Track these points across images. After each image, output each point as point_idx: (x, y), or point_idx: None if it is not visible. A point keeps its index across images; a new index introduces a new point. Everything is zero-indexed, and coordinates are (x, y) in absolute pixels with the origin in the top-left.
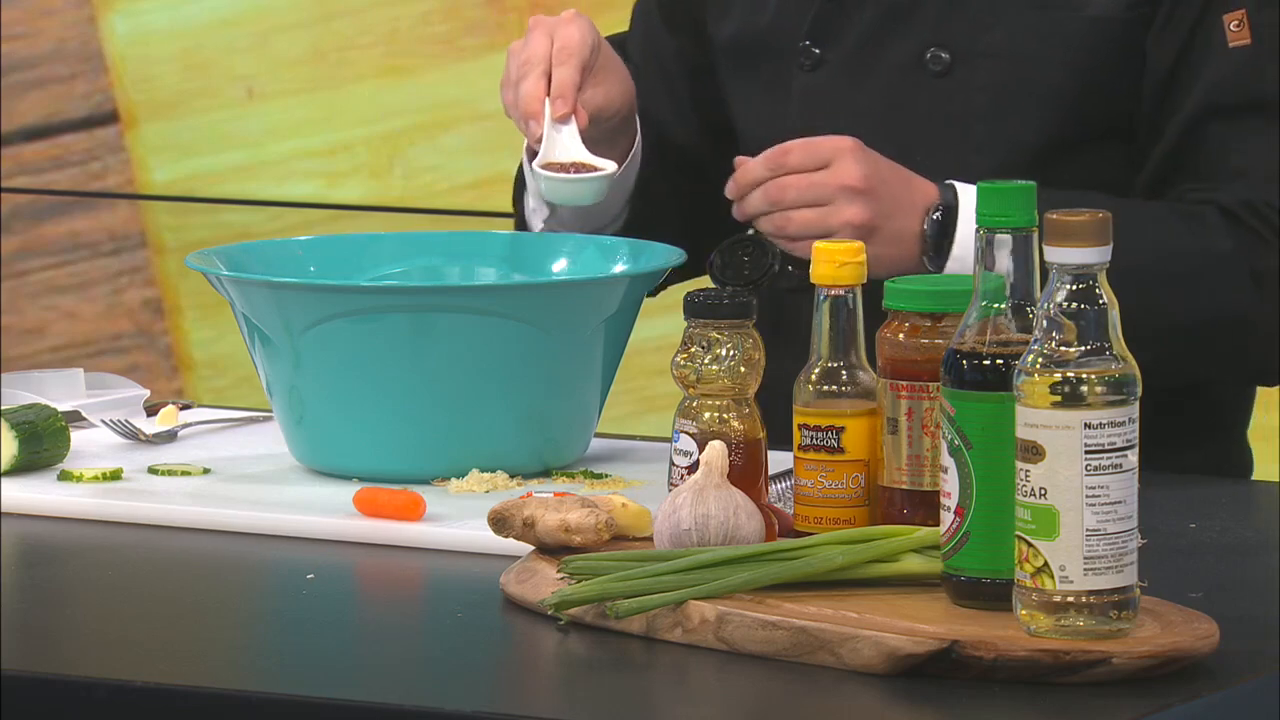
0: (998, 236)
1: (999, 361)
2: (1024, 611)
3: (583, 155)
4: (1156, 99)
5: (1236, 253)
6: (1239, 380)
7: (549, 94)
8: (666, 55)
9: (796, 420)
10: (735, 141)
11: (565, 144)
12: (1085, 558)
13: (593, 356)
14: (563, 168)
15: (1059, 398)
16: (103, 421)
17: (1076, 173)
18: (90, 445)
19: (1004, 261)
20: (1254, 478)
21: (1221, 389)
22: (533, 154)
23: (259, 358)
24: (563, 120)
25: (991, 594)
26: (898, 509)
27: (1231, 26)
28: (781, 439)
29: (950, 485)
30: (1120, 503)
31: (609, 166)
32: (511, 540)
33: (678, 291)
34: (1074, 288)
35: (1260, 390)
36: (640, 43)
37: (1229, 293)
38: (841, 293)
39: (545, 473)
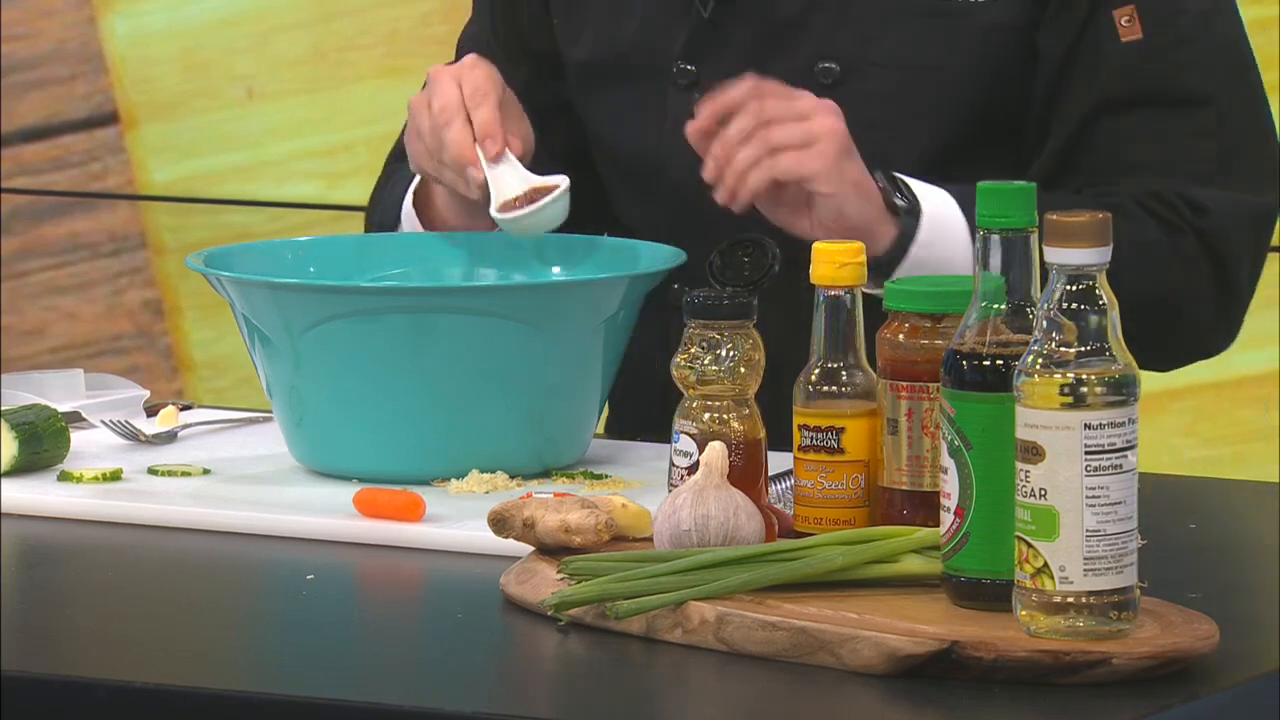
0: (997, 237)
1: (999, 362)
2: (1024, 612)
3: (532, 180)
4: (1047, 97)
5: (1160, 240)
6: (1165, 364)
7: (475, 138)
8: (516, 88)
9: (796, 421)
10: (588, 166)
11: (509, 180)
12: (1085, 558)
13: (592, 356)
14: (517, 201)
15: (1059, 398)
16: (103, 422)
17: (973, 174)
18: (90, 446)
19: (1003, 262)
20: (1254, 478)
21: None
22: (486, 196)
23: (259, 358)
24: (498, 159)
25: (991, 595)
26: (898, 510)
27: (1122, 21)
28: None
29: (950, 486)
30: (1120, 503)
31: (562, 181)
32: (511, 541)
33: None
34: (1074, 288)
35: (1260, 391)
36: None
37: (1159, 279)
38: (841, 293)
39: (545, 473)
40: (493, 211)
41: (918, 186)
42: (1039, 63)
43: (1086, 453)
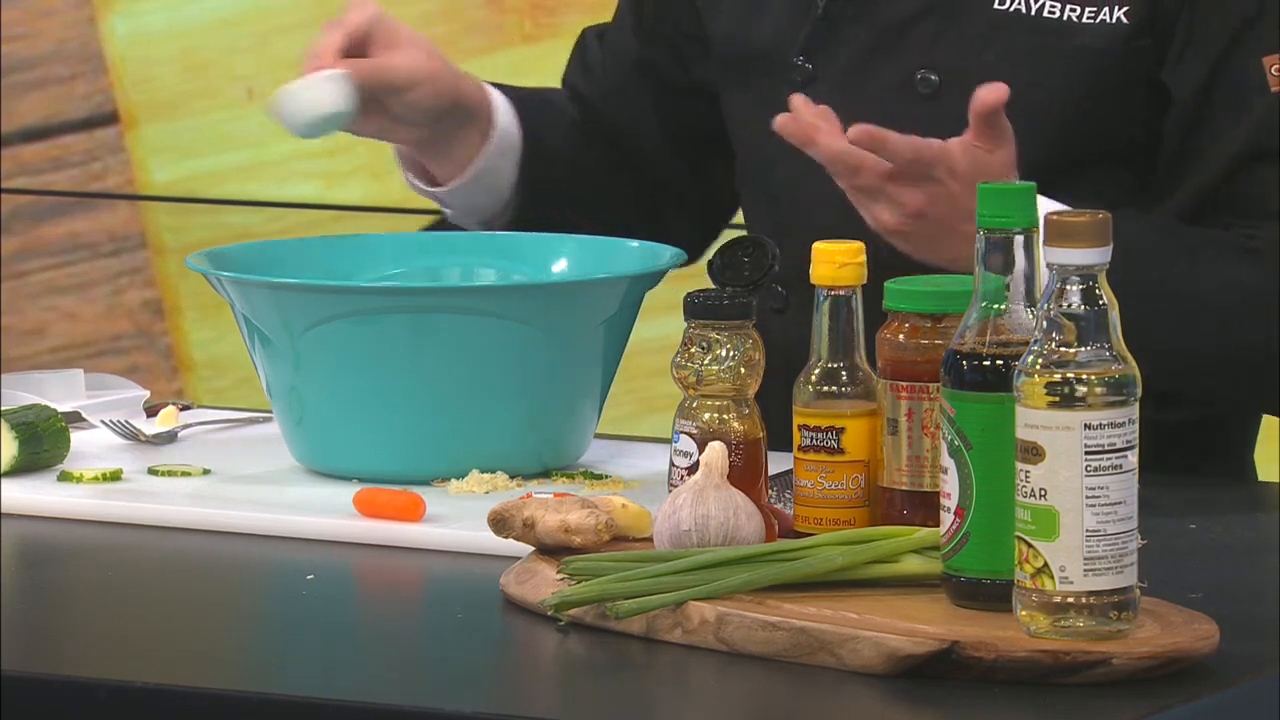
0: (997, 237)
1: (999, 362)
2: (1024, 612)
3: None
4: (1183, 135)
5: (1264, 286)
6: (1252, 409)
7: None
8: (629, 59)
9: (796, 421)
10: (712, 153)
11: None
12: (1085, 558)
13: (593, 357)
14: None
15: (1059, 398)
16: (103, 422)
17: (1066, 194)
18: (90, 446)
19: (1004, 262)
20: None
21: (1229, 418)
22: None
23: (259, 358)
24: (320, 77)
25: (991, 595)
26: (898, 510)
27: (1273, 71)
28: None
29: (950, 486)
30: (1120, 503)
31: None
32: (511, 541)
33: (677, 292)
34: (1074, 288)
35: None
36: (613, 39)
37: (1258, 326)
38: (841, 293)
39: (545, 473)
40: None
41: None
42: (1170, 100)
43: (1086, 453)
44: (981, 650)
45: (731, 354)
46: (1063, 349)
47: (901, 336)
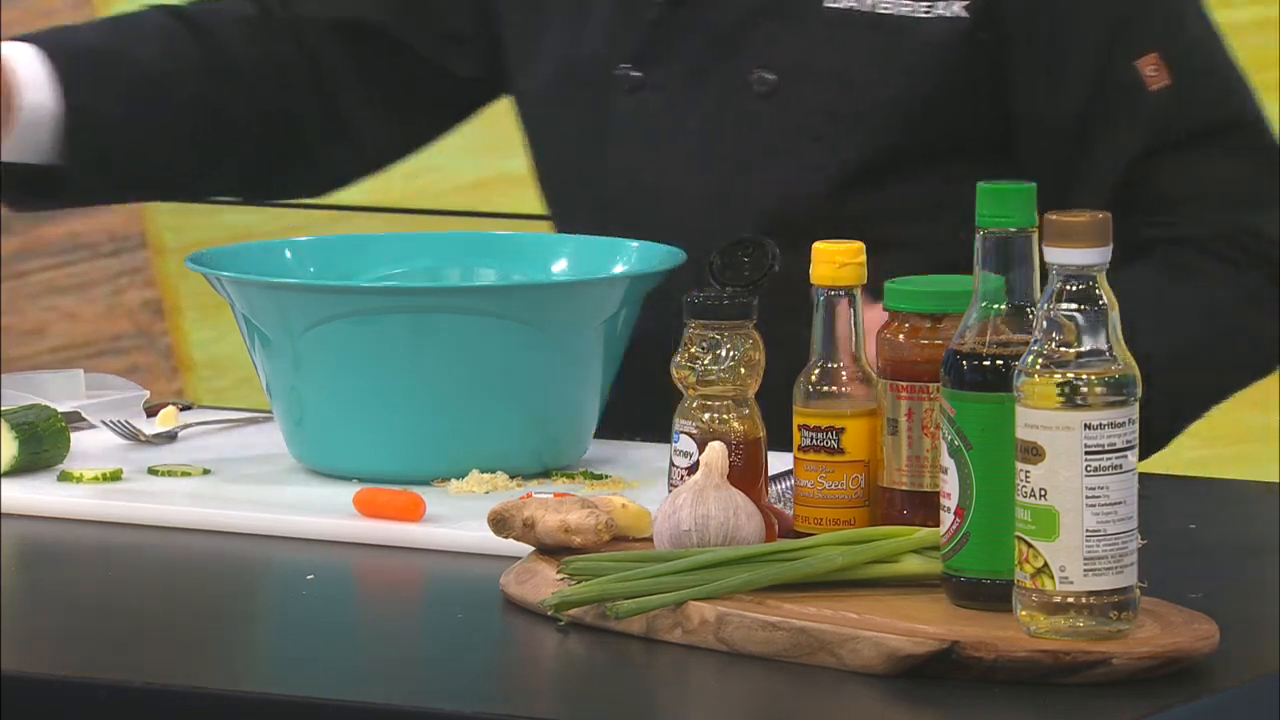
0: (997, 237)
1: (999, 362)
2: (1024, 612)
3: None
4: (1072, 145)
5: (1226, 294)
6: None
7: None
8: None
9: (796, 421)
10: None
11: None
12: (1085, 558)
13: (593, 357)
14: None
15: (1059, 398)
16: (103, 422)
17: (912, 188)
18: (90, 446)
19: (1004, 262)
20: (1254, 478)
21: None
22: None
23: (259, 358)
24: None
25: (991, 595)
26: (898, 510)
27: (1148, 71)
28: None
29: (950, 486)
30: (1120, 503)
31: None
32: (511, 541)
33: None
34: (1074, 288)
35: (1260, 391)
36: None
37: (1237, 333)
38: (841, 293)
39: (545, 473)
40: None
41: None
42: (1043, 105)
43: (1086, 453)
44: (981, 650)
45: (732, 354)
46: (1063, 349)
47: (901, 336)
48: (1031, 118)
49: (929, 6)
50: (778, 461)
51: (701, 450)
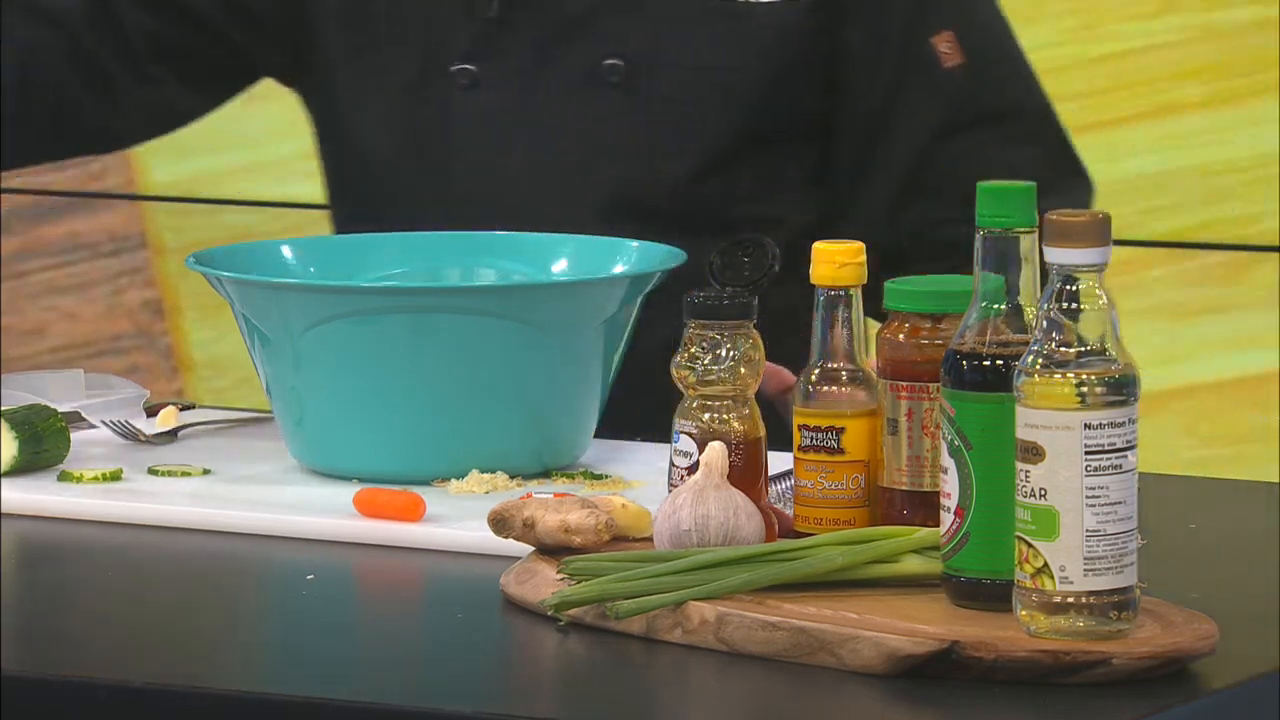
0: (997, 237)
1: (999, 362)
2: (1024, 612)
3: None
4: (875, 125)
5: None
6: None
7: None
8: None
9: (796, 420)
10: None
11: None
12: (1085, 558)
13: (593, 357)
14: None
15: (1059, 398)
16: (103, 422)
17: (767, 168)
18: (90, 446)
19: (1003, 262)
20: (1254, 478)
21: None
22: None
23: (259, 358)
24: None
25: (991, 595)
26: (898, 510)
27: (942, 48)
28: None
29: (950, 486)
30: (1120, 503)
31: None
32: (511, 541)
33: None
34: (1074, 288)
35: (1260, 391)
36: None
37: None
38: (841, 293)
39: (545, 473)
40: None
41: None
42: (854, 82)
43: (1086, 453)
44: (981, 650)
45: (732, 354)
46: (1063, 349)
47: (901, 336)
48: (847, 97)
49: None
50: (778, 461)
51: (701, 450)
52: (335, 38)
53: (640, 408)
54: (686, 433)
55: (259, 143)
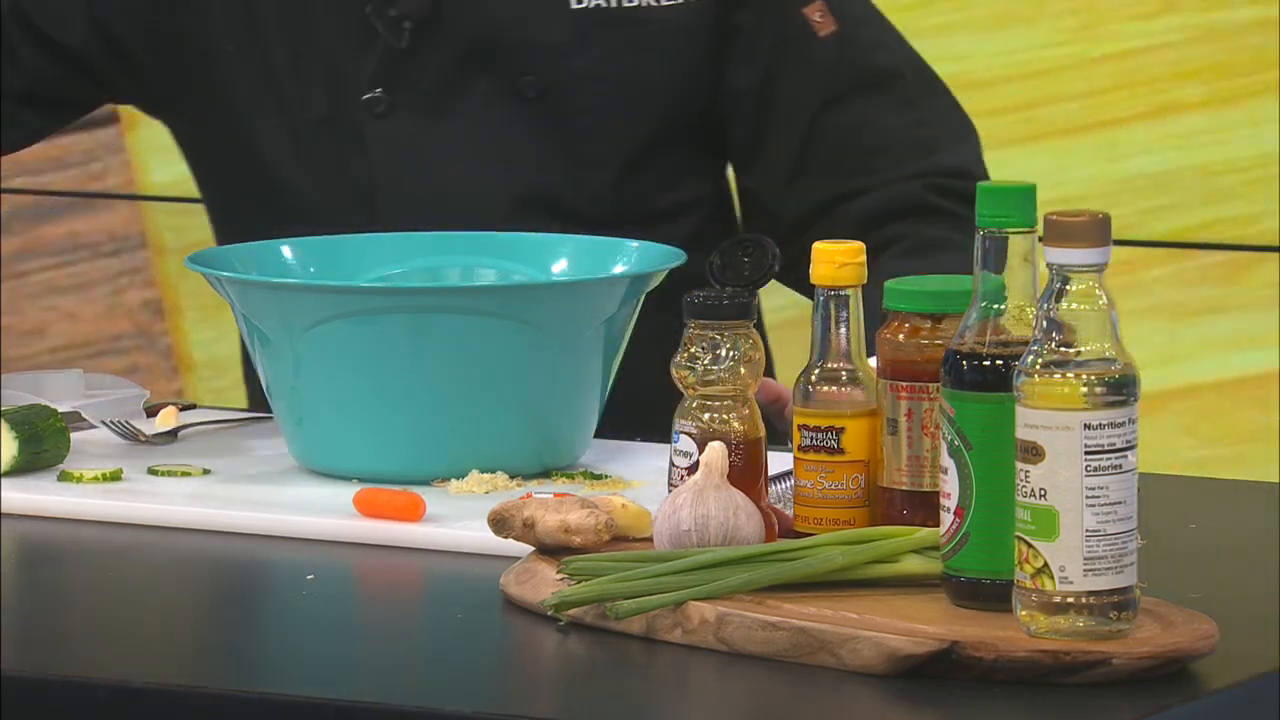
0: (997, 237)
1: (999, 362)
2: (1024, 612)
3: None
4: (760, 104)
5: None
6: None
7: None
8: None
9: (796, 421)
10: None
11: None
12: (1085, 558)
13: (593, 357)
14: None
15: (1059, 398)
16: (103, 422)
17: (677, 161)
18: (90, 446)
19: (1003, 262)
20: (1254, 478)
21: None
22: None
23: (259, 358)
24: None
25: (991, 595)
26: (898, 510)
27: (816, 18)
28: None
29: (950, 486)
30: (1120, 503)
31: None
32: (511, 541)
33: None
34: (1074, 288)
35: (1260, 391)
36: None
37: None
38: (841, 293)
39: (545, 473)
40: None
41: None
42: (738, 62)
43: (1086, 453)
44: (981, 650)
45: (732, 354)
46: (1063, 349)
47: (901, 336)
48: (733, 78)
49: None
50: (778, 461)
51: (701, 450)
52: (235, 76)
53: (640, 408)
54: (686, 433)
55: None
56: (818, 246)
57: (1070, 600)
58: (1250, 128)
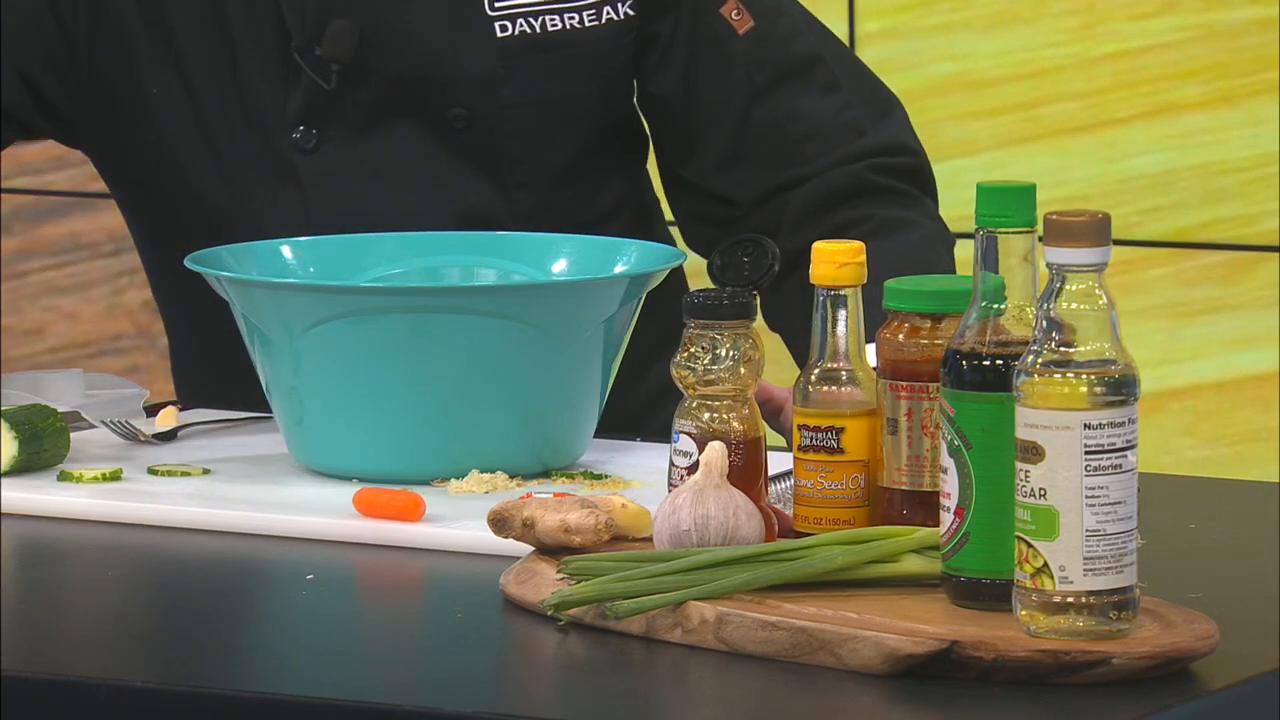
0: (997, 237)
1: (999, 362)
2: (1024, 612)
3: None
4: (687, 107)
5: (924, 234)
6: None
7: None
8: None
9: (796, 421)
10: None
11: None
12: (1085, 558)
13: (593, 357)
14: None
15: (1059, 398)
16: (102, 422)
17: (604, 170)
18: (90, 446)
19: (1003, 262)
20: (1254, 478)
21: None
22: None
23: (259, 358)
24: None
25: (991, 594)
26: (897, 509)
27: (732, 17)
28: None
29: (950, 486)
30: (1120, 503)
31: None
32: (511, 541)
33: (677, 291)
34: (1074, 288)
35: (1260, 391)
36: None
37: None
38: (841, 293)
39: (545, 473)
40: None
41: None
42: (662, 68)
43: (1086, 453)
44: (981, 650)
45: (732, 354)
46: (1063, 349)
47: (901, 336)
48: (654, 83)
49: (595, 13)
50: (778, 461)
51: (701, 450)
52: (163, 118)
53: (640, 407)
54: (686, 433)
55: None
56: (818, 246)
57: (1070, 600)
58: (1250, 128)
